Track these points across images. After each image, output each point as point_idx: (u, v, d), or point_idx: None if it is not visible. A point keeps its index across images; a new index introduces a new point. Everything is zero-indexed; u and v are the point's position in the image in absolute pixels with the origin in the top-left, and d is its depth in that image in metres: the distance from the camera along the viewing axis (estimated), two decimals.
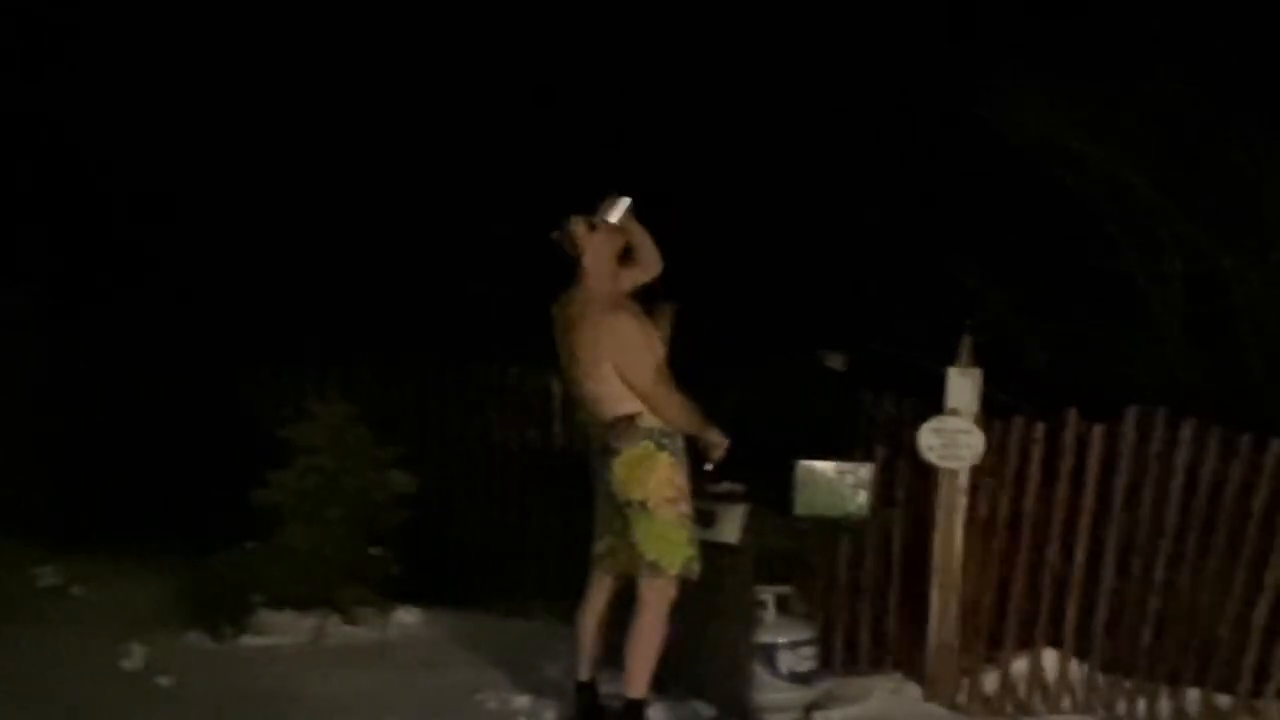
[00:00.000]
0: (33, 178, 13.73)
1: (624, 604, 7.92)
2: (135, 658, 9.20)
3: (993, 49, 11.23)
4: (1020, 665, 8.71)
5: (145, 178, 13.77)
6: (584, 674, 8.04)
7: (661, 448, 7.65)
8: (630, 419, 7.65)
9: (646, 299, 7.92)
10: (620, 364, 7.56)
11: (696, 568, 7.74)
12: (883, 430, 9.06)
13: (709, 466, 7.89)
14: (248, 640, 9.58)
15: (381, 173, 13.36)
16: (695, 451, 7.85)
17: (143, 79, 13.74)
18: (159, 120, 13.71)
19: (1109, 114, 10.84)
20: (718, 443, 7.82)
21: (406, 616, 9.93)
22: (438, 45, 13.91)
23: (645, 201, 7.91)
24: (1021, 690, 8.67)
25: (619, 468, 7.66)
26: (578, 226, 7.71)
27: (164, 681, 8.85)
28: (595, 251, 7.73)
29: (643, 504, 7.65)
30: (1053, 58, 10.85)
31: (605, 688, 8.03)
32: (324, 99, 13.60)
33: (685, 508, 7.72)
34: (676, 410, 7.65)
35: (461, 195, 13.19)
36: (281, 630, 9.64)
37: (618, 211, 7.76)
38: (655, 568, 7.66)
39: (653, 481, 7.64)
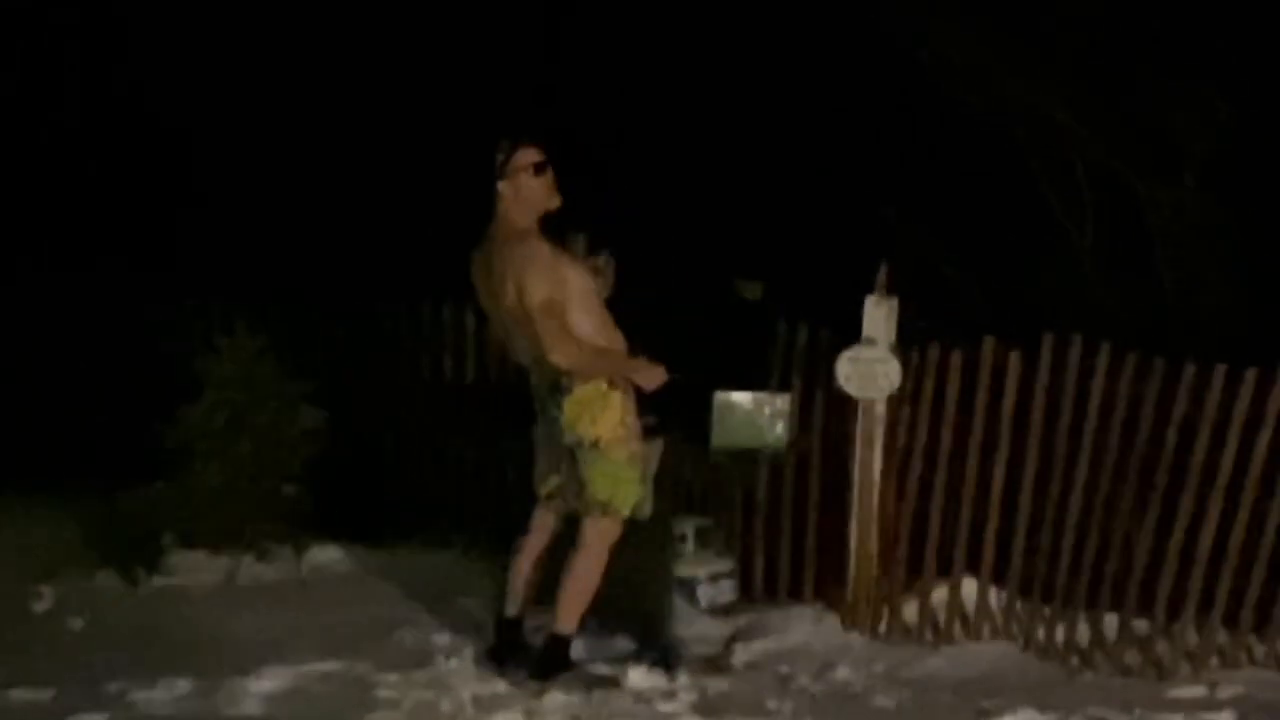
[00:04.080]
0: None
1: (559, 542, 7.89)
2: (46, 600, 9.09)
3: None
4: (940, 593, 8.73)
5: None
6: (512, 610, 7.98)
7: (614, 386, 7.60)
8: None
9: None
10: (522, 284, 7.47)
11: (648, 508, 7.70)
12: (799, 360, 9.03)
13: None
14: (160, 581, 9.46)
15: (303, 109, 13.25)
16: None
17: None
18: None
19: (1024, 42, 10.83)
20: (650, 375, 7.72)
21: (321, 554, 9.82)
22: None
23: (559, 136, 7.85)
24: (941, 618, 8.70)
25: (570, 406, 7.58)
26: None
27: (76, 624, 8.75)
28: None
29: (594, 443, 7.59)
30: None
31: (530, 623, 7.98)
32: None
33: (636, 446, 7.67)
34: (568, 354, 7.51)
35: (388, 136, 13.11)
36: (194, 570, 9.52)
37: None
38: (607, 507, 7.61)
39: (605, 420, 7.58)
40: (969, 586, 8.71)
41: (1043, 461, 8.60)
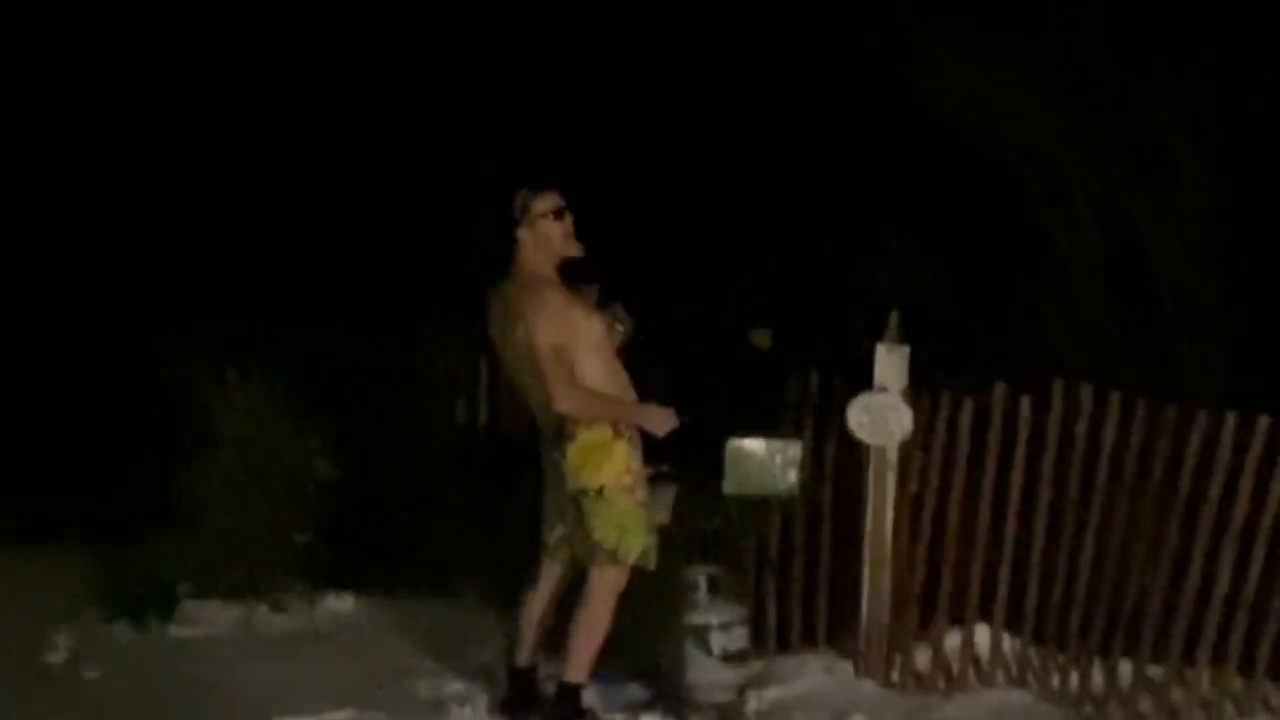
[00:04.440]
0: None
1: (569, 589, 7.88)
2: (61, 649, 9.10)
3: (912, 10, 11.23)
4: (953, 640, 8.71)
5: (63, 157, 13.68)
6: (523, 660, 7.99)
7: (619, 435, 7.60)
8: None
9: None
10: (530, 327, 7.49)
11: (654, 556, 7.70)
12: (811, 407, 9.03)
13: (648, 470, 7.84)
14: (175, 630, 9.47)
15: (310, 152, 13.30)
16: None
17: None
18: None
19: (1024, 69, 10.85)
20: (659, 420, 7.73)
21: (335, 603, 9.84)
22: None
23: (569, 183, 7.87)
24: (955, 665, 8.68)
25: (573, 454, 7.58)
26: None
27: (91, 673, 8.76)
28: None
29: (599, 491, 7.58)
30: (974, 20, 10.87)
31: (542, 673, 7.98)
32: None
33: (641, 495, 7.67)
34: (569, 393, 7.51)
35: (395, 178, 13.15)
36: (209, 620, 9.54)
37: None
38: (613, 555, 7.61)
39: (609, 468, 7.58)
40: (982, 633, 8.69)
41: (1055, 507, 8.60)
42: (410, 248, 12.77)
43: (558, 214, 7.69)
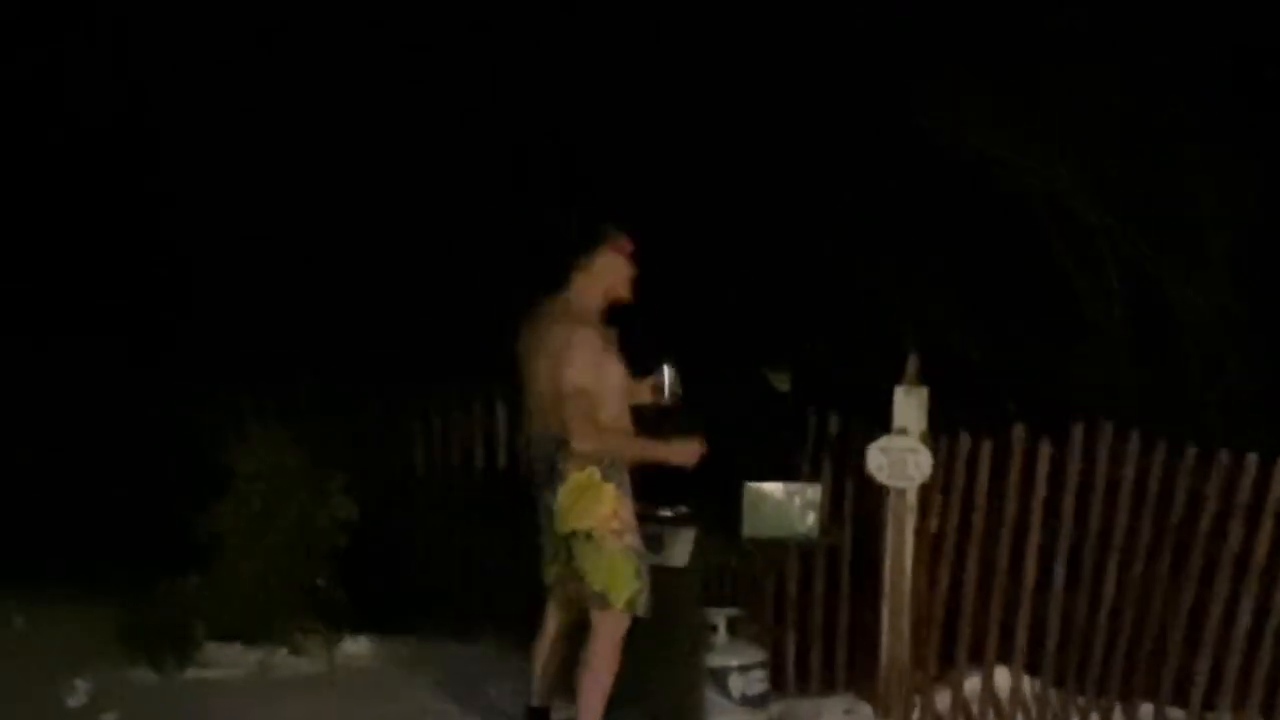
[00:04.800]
0: None
1: (581, 629, 7.86)
2: (80, 694, 9.07)
3: (932, 61, 11.25)
4: (973, 683, 8.71)
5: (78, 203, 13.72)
6: (537, 700, 7.97)
7: (607, 478, 7.55)
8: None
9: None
10: (561, 361, 7.47)
11: (644, 601, 7.62)
12: (830, 450, 9.03)
13: (666, 513, 7.84)
14: (194, 674, 9.46)
15: (320, 194, 13.33)
16: (648, 477, 7.76)
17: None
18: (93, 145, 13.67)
19: (1048, 127, 10.88)
20: (686, 453, 7.71)
21: (353, 646, 9.83)
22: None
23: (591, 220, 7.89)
24: (975, 708, 8.67)
25: (563, 495, 7.54)
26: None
27: (110, 717, 8.72)
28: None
29: (588, 534, 7.55)
30: (992, 69, 10.89)
31: (558, 714, 7.96)
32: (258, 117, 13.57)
33: (632, 540, 7.62)
34: (589, 433, 7.46)
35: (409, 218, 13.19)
36: (228, 663, 9.53)
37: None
38: (603, 599, 7.58)
39: (597, 511, 7.54)
40: (1002, 676, 8.68)
41: (1075, 549, 8.58)
42: (432, 291, 12.77)
43: (631, 257, 7.70)
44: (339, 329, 12.59)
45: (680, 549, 8.01)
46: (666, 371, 7.87)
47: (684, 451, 7.71)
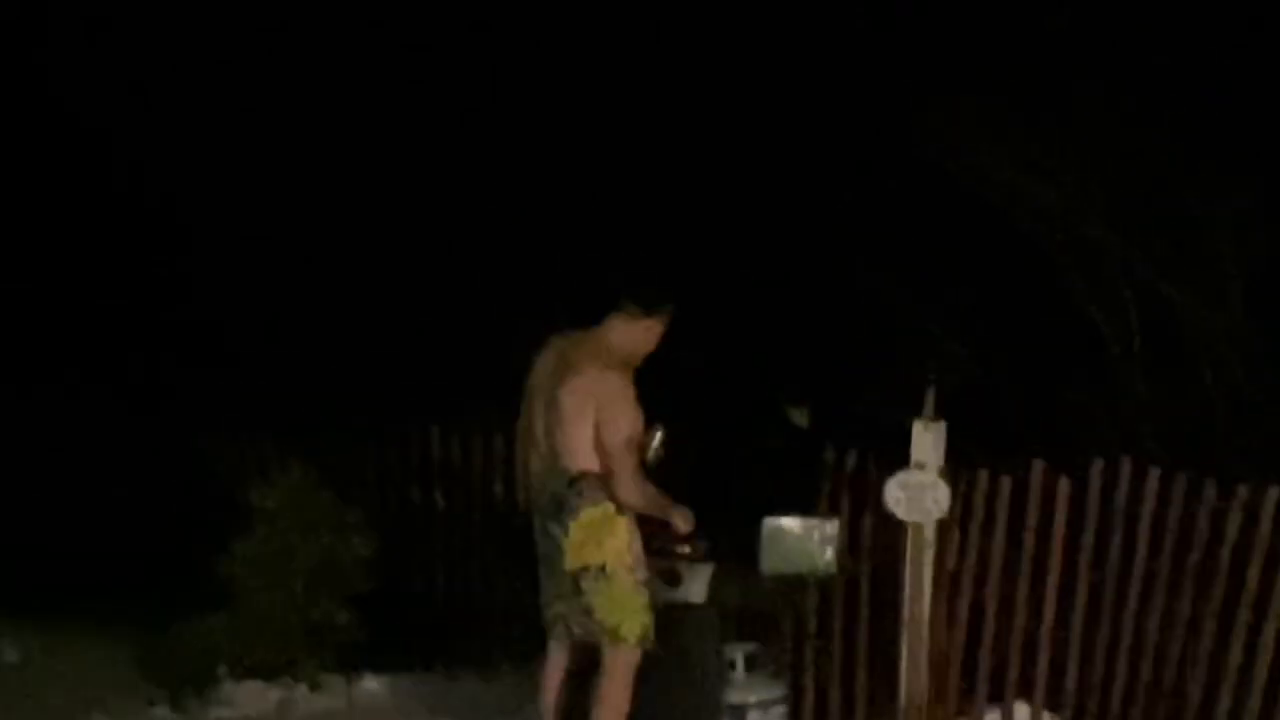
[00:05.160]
0: None
1: (592, 663, 7.84)
2: None
3: (947, 91, 11.26)
4: (992, 718, 8.67)
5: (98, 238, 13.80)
6: None
7: (621, 512, 7.55)
8: (596, 475, 7.55)
9: None
10: (605, 417, 7.47)
11: (651, 637, 7.62)
12: (848, 485, 9.03)
13: (684, 549, 7.83)
14: (214, 711, 9.47)
15: (339, 236, 13.37)
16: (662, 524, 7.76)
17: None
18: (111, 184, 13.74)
19: (1062, 156, 10.88)
20: (683, 518, 7.71)
21: (372, 683, 9.84)
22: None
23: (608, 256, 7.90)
24: None
25: (576, 531, 7.51)
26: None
27: None
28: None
29: (601, 569, 7.53)
30: (1007, 99, 10.89)
31: None
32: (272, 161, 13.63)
33: (642, 574, 7.62)
34: (635, 485, 7.52)
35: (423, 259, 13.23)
36: (247, 701, 9.54)
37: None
38: (615, 634, 7.56)
39: (611, 545, 7.52)
40: (1021, 712, 8.65)
41: (1094, 585, 8.56)
42: (451, 330, 12.80)
43: (667, 326, 7.71)
44: (357, 363, 12.61)
45: (698, 585, 8.00)
46: (657, 434, 7.81)
47: (684, 515, 7.71)
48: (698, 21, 13.38)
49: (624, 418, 7.47)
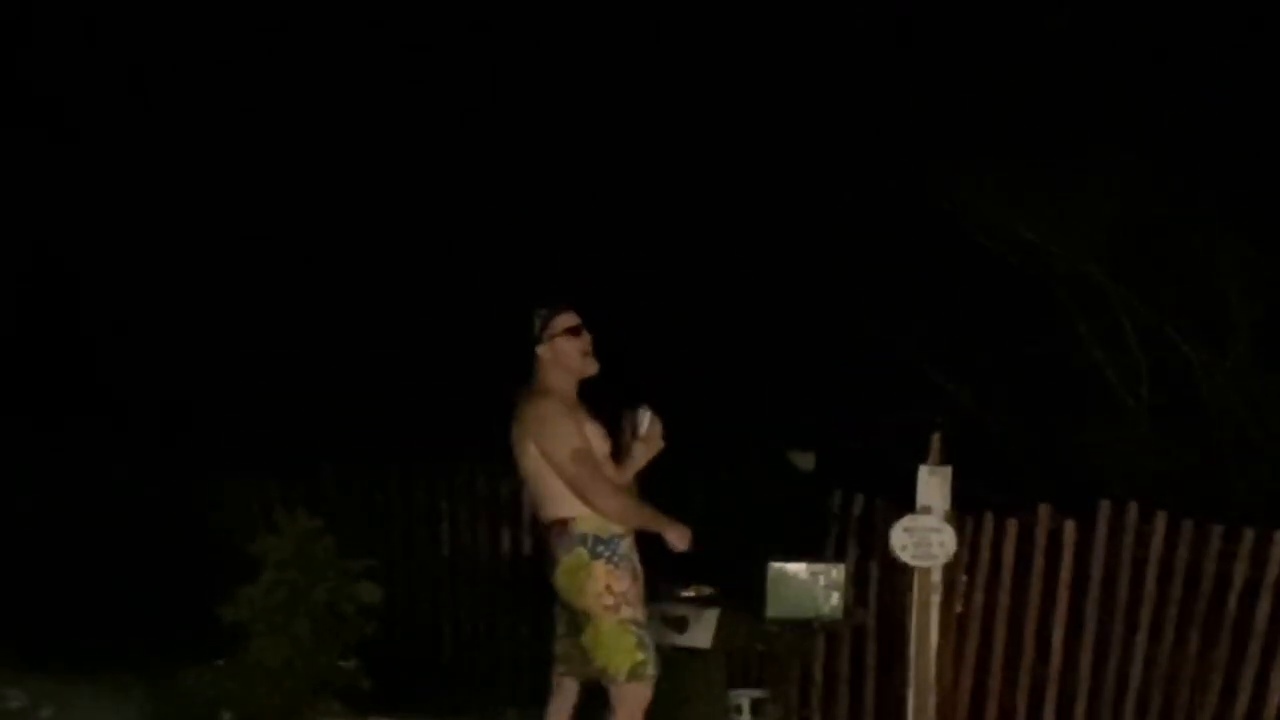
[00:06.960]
0: None
1: (596, 706, 7.82)
2: None
3: (951, 143, 11.31)
4: None
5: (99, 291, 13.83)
6: None
7: (596, 556, 7.46)
8: (564, 523, 7.54)
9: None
10: (541, 441, 7.46)
11: (649, 672, 7.55)
12: (854, 529, 9.02)
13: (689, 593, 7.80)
14: None
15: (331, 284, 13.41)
16: (659, 548, 7.72)
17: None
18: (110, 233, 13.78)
19: (1069, 207, 10.92)
20: (679, 534, 7.68)
21: None
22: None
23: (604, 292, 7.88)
24: None
25: (560, 577, 7.54)
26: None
27: None
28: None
29: (585, 613, 7.54)
30: (1012, 151, 10.94)
31: None
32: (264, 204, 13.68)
33: (629, 612, 7.52)
34: (610, 499, 7.50)
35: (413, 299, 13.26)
36: None
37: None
38: (605, 674, 7.55)
39: (589, 589, 7.51)
40: None
41: (1102, 628, 8.54)
42: (456, 373, 12.81)
43: (574, 331, 7.68)
44: (360, 410, 12.62)
45: (704, 630, 7.99)
46: (645, 417, 7.75)
47: (680, 532, 7.66)
48: (709, 77, 13.45)
49: (559, 435, 7.43)
